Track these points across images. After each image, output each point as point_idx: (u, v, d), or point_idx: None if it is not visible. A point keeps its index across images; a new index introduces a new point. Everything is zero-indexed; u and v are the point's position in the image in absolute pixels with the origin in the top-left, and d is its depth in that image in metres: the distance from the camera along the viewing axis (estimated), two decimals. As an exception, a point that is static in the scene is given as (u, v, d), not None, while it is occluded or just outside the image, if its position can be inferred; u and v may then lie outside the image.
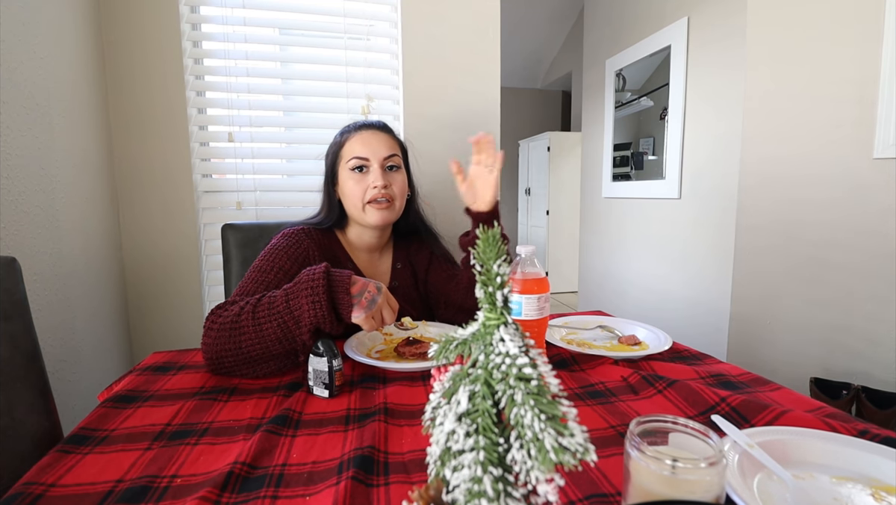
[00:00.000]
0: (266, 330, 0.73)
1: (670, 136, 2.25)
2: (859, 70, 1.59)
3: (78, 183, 1.14)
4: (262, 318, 0.74)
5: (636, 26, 2.49)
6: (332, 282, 0.75)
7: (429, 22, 1.49)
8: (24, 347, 0.71)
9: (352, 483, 0.46)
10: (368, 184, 0.95)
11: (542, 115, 5.83)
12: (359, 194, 0.95)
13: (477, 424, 0.29)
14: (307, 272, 0.75)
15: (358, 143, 0.97)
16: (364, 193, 0.95)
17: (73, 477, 0.49)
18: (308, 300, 0.72)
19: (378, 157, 0.96)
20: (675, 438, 0.41)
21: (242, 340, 0.73)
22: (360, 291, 0.76)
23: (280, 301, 0.74)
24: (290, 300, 0.74)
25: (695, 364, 0.80)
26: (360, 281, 0.77)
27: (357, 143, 0.97)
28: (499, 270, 0.30)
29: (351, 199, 0.96)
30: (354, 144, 0.97)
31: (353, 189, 0.95)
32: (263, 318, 0.74)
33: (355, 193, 0.95)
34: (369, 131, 0.98)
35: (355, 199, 0.96)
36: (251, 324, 0.73)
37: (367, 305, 0.76)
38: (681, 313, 2.24)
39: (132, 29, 1.30)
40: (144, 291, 1.39)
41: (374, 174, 0.95)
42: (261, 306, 0.75)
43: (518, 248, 0.74)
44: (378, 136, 0.98)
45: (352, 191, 0.96)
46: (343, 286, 0.75)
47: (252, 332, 0.73)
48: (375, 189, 0.94)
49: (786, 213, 1.78)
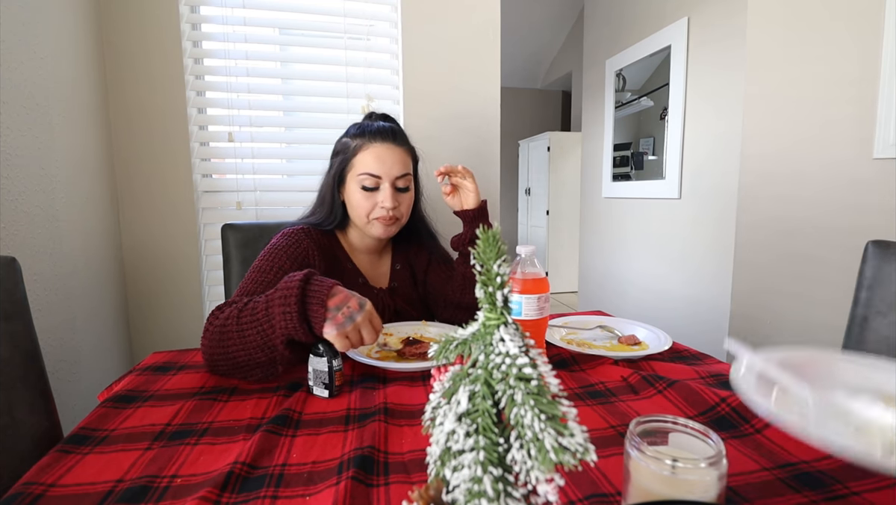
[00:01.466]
0: (248, 336, 0.70)
1: (670, 136, 2.25)
2: (859, 69, 1.59)
3: (78, 183, 1.14)
4: (245, 324, 0.71)
5: (636, 26, 2.49)
6: (307, 292, 0.69)
7: (429, 22, 1.49)
8: (24, 347, 0.71)
9: (352, 483, 0.46)
10: (377, 202, 0.95)
11: (542, 115, 5.83)
12: (366, 209, 0.95)
13: (477, 424, 0.29)
14: (286, 279, 0.71)
15: (372, 157, 0.94)
16: (371, 210, 0.95)
17: (73, 477, 0.49)
18: (280, 309, 0.68)
19: (390, 176, 0.94)
20: (675, 438, 0.42)
21: (229, 344, 0.71)
22: (339, 305, 0.69)
23: (261, 308, 0.70)
24: (269, 307, 0.70)
25: (695, 364, 0.80)
26: (341, 293, 0.70)
27: (371, 157, 0.94)
28: (499, 270, 0.30)
29: (357, 210, 0.96)
30: (368, 158, 0.94)
31: (361, 203, 0.95)
32: (246, 324, 0.71)
33: (362, 207, 0.95)
34: (384, 145, 0.95)
35: (361, 212, 0.96)
36: (235, 329, 0.71)
37: (342, 322, 0.68)
38: (681, 313, 2.24)
39: (132, 29, 1.30)
40: (144, 290, 1.39)
41: (384, 193, 0.94)
42: (245, 312, 0.72)
43: (518, 248, 0.74)
44: (393, 151, 0.95)
45: (359, 204, 0.95)
46: (318, 297, 0.68)
47: (237, 337, 0.71)
48: (384, 210, 0.94)
49: (786, 212, 1.78)
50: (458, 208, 1.05)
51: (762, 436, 0.56)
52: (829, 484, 0.46)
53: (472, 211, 1.03)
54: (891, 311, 0.80)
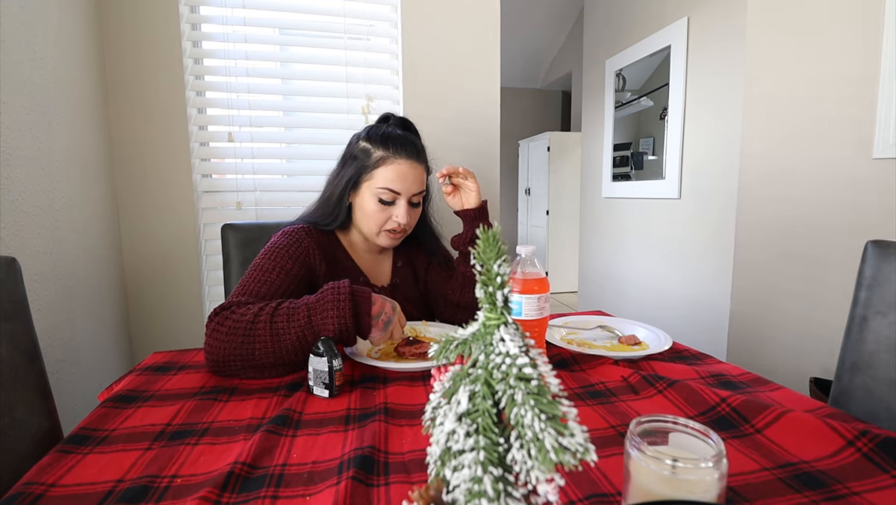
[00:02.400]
0: (284, 340, 0.74)
1: (670, 136, 2.25)
2: (859, 70, 1.59)
3: (78, 183, 1.14)
4: (281, 329, 0.74)
5: (636, 26, 2.49)
6: (356, 303, 0.77)
7: (429, 22, 1.49)
8: (23, 348, 0.71)
9: (352, 483, 0.46)
10: (391, 216, 0.96)
11: (542, 115, 5.83)
12: (379, 222, 0.96)
13: (477, 424, 0.29)
14: (331, 290, 0.76)
15: (395, 173, 0.94)
16: (384, 223, 0.97)
17: (73, 477, 0.49)
18: (335, 320, 0.74)
19: (409, 193, 0.96)
20: (675, 438, 0.42)
21: (256, 346, 0.73)
22: (378, 313, 0.79)
23: (302, 314, 0.75)
24: (313, 315, 0.74)
25: (695, 364, 0.80)
26: (378, 301, 0.80)
27: (394, 173, 0.94)
28: (499, 269, 0.30)
29: (369, 221, 0.97)
30: (390, 174, 0.94)
31: (375, 215, 0.96)
32: (282, 329, 0.74)
33: (375, 219, 0.96)
34: (408, 162, 0.95)
35: (372, 224, 0.97)
36: (268, 333, 0.74)
37: (382, 327, 0.79)
38: (681, 313, 2.24)
39: (132, 29, 1.30)
40: (144, 290, 1.39)
41: (399, 209, 0.96)
42: (279, 316, 0.75)
43: (518, 248, 0.74)
44: (415, 169, 0.96)
45: (373, 215, 0.96)
46: (366, 308, 0.77)
47: (268, 340, 0.74)
48: (396, 223, 0.96)
49: (785, 212, 1.78)
50: (458, 208, 1.05)
51: (762, 436, 0.56)
52: (829, 484, 0.46)
53: (472, 211, 1.03)
54: (890, 310, 0.80)
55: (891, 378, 0.78)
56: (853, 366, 0.84)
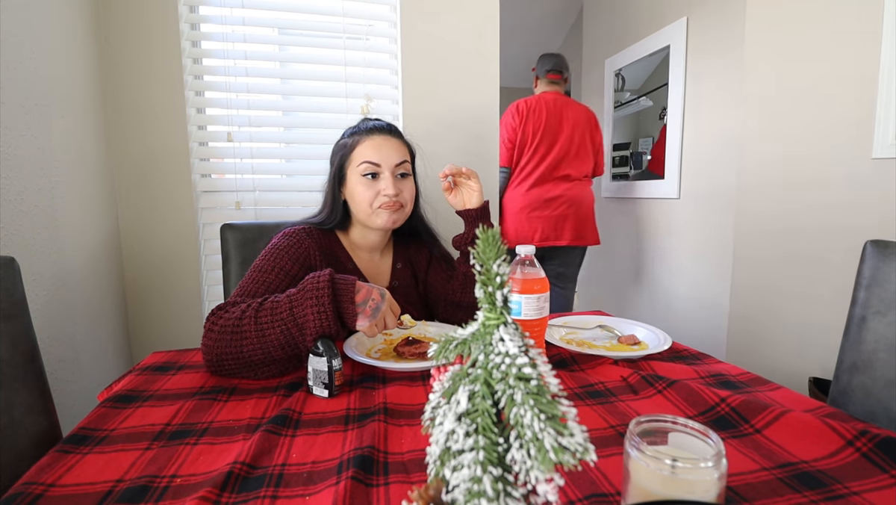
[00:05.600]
0: (268, 336, 0.73)
1: (670, 135, 2.25)
2: (858, 70, 1.59)
3: (77, 182, 1.13)
4: (265, 324, 0.73)
5: (635, 26, 2.49)
6: (336, 291, 0.74)
7: (428, 22, 1.49)
8: (23, 348, 0.71)
9: (351, 483, 0.46)
10: (379, 190, 0.95)
11: (542, 115, 5.81)
12: (369, 199, 0.96)
13: (477, 423, 0.29)
14: (311, 279, 0.75)
15: (369, 147, 0.96)
16: (374, 199, 0.96)
17: (72, 477, 0.49)
18: (313, 310, 0.72)
19: (389, 164, 0.96)
20: (675, 438, 0.42)
21: (244, 344, 0.73)
22: (365, 300, 0.76)
23: (284, 308, 0.73)
24: (294, 308, 0.73)
25: (694, 364, 0.80)
26: (363, 288, 0.77)
27: (368, 147, 0.96)
28: (499, 269, 0.30)
29: (360, 203, 0.97)
30: (366, 149, 0.96)
31: (364, 194, 0.95)
32: (266, 324, 0.73)
33: (365, 199, 0.96)
34: (381, 136, 0.97)
35: (364, 204, 0.96)
36: (253, 329, 0.73)
37: (371, 314, 0.76)
38: (680, 312, 2.24)
39: (131, 29, 1.30)
40: (144, 290, 1.39)
41: (385, 181, 0.95)
42: (263, 312, 0.74)
43: (518, 249, 0.74)
44: (389, 141, 0.97)
45: (362, 196, 0.96)
46: (348, 295, 0.74)
47: (254, 337, 0.73)
48: (386, 197, 0.95)
49: (784, 212, 1.78)
50: (460, 208, 1.05)
51: (762, 436, 0.56)
52: (829, 484, 0.46)
53: (474, 211, 1.03)
54: (889, 310, 0.80)
55: (890, 378, 0.78)
56: (852, 366, 0.84)
